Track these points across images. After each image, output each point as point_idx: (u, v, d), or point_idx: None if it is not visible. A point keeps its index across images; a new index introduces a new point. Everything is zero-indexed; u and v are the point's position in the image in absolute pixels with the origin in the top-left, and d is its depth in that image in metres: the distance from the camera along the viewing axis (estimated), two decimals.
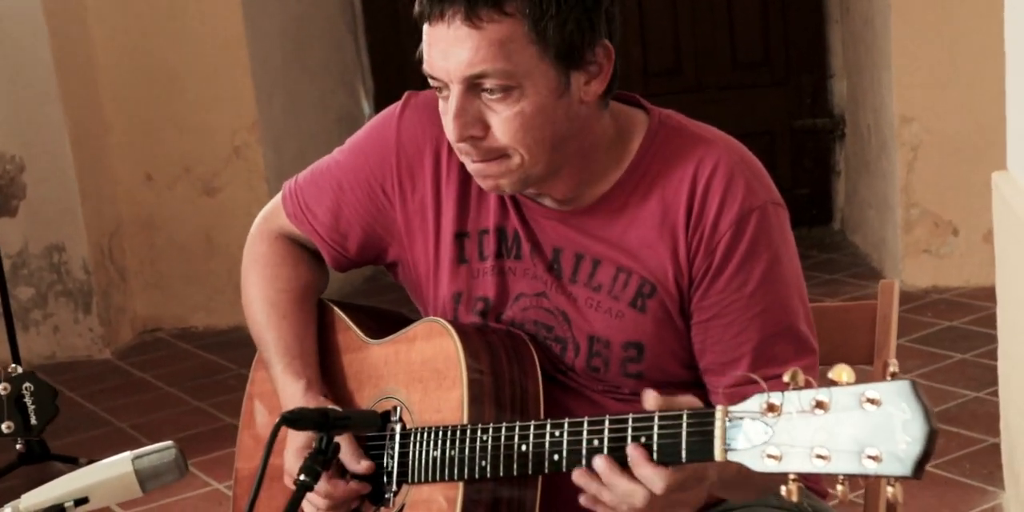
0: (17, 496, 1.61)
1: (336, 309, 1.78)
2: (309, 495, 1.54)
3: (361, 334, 1.72)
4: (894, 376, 1.14)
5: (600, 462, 1.33)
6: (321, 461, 1.35)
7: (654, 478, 1.29)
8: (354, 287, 5.15)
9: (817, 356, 1.60)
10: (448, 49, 1.46)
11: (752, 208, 1.53)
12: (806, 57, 5.55)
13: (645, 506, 1.31)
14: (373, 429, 1.57)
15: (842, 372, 1.16)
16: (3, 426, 1.75)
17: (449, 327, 1.58)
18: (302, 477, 1.35)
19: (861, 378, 1.17)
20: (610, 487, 1.32)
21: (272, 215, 1.80)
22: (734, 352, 1.55)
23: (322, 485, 1.57)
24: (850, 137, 5.45)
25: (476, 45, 1.44)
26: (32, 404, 1.78)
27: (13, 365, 1.79)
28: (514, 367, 1.58)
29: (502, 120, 1.48)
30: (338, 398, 1.70)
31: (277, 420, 1.33)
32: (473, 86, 1.47)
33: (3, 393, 1.75)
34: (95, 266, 4.84)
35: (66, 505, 1.58)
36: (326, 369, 1.73)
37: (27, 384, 1.77)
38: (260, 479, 1.32)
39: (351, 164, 1.70)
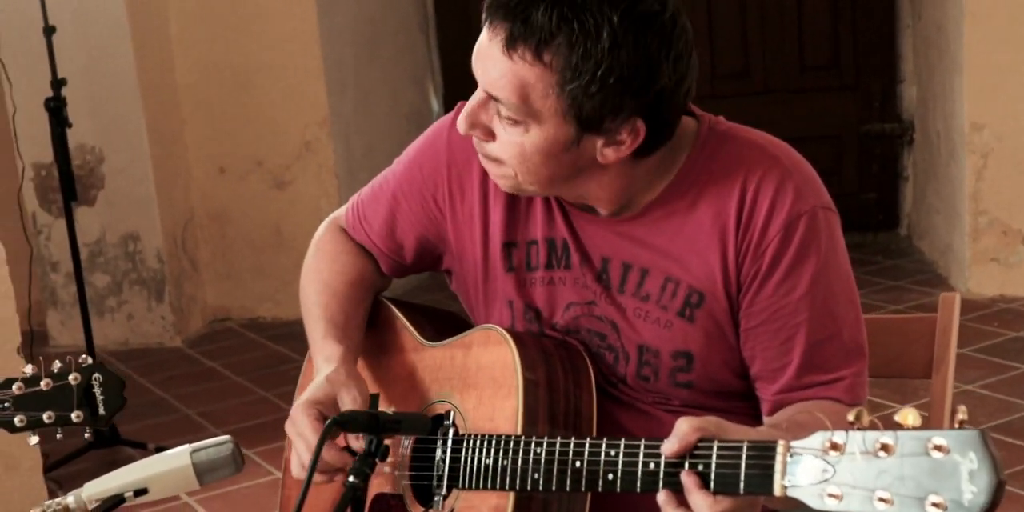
0: (88, 478, 1.67)
1: (394, 308, 1.81)
2: (300, 447, 1.56)
3: (417, 335, 1.75)
4: (962, 424, 1.13)
5: (661, 496, 1.33)
6: (371, 463, 1.39)
7: (703, 506, 1.29)
8: (419, 280, 5.21)
9: (866, 362, 1.59)
10: (483, 58, 1.47)
11: (801, 213, 1.52)
12: (876, 61, 5.50)
13: None
14: (423, 433, 1.58)
15: (908, 415, 1.14)
16: (73, 415, 1.81)
17: (507, 336, 1.59)
18: (351, 479, 1.38)
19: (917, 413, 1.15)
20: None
21: (338, 218, 1.86)
22: (782, 358, 1.56)
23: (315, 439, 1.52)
24: (919, 143, 5.41)
25: (502, 73, 1.44)
26: (101, 394, 1.82)
27: (84, 355, 1.85)
28: (569, 379, 1.60)
29: (504, 140, 1.50)
30: (390, 397, 1.73)
31: (327, 422, 1.37)
32: (493, 98, 1.48)
33: (73, 383, 1.80)
34: (168, 256, 4.96)
35: (126, 495, 1.65)
36: (380, 367, 1.77)
37: (96, 375, 1.82)
38: (310, 476, 1.36)
39: (405, 176, 1.75)
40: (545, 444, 1.46)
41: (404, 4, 5.62)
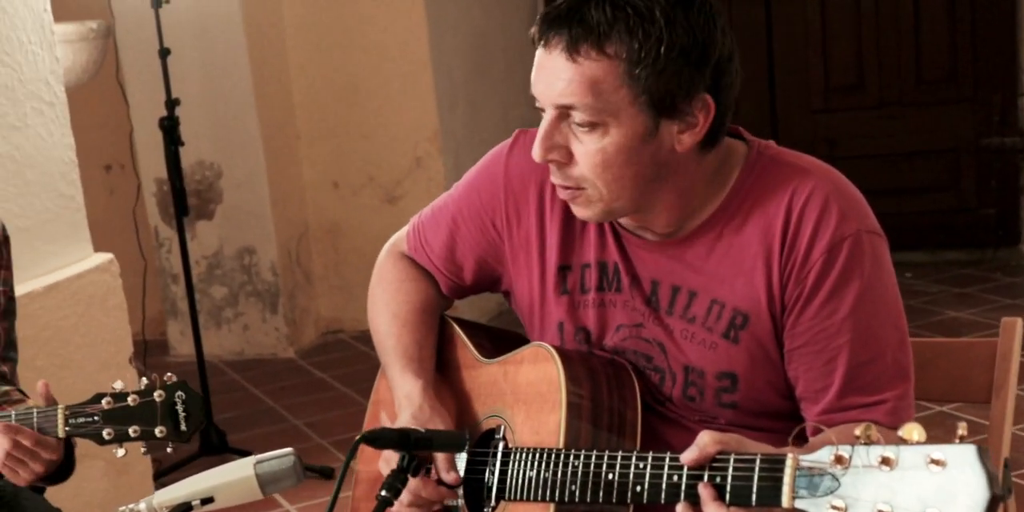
0: None
1: (456, 326, 1.87)
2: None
3: (475, 352, 1.80)
4: (962, 439, 1.16)
5: (679, 508, 1.37)
6: (403, 479, 1.44)
7: None
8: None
9: (911, 385, 1.60)
10: (547, 75, 1.52)
11: (844, 236, 1.55)
12: (995, 74, 5.36)
13: None
14: (457, 449, 1.64)
15: (913, 430, 1.18)
16: (156, 430, 1.89)
17: (554, 352, 1.64)
18: (383, 493, 1.44)
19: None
20: None
21: (399, 242, 1.92)
22: (824, 380, 1.57)
23: (414, 483, 1.64)
24: None
25: (570, 77, 1.49)
26: (183, 412, 1.90)
27: (169, 374, 1.93)
28: (614, 395, 1.64)
29: (585, 152, 1.53)
30: (452, 410, 1.77)
31: (356, 439, 1.42)
32: (564, 115, 1.52)
33: (158, 400, 1.89)
34: (282, 269, 5.09)
35: (193, 504, 1.72)
36: (442, 383, 1.82)
37: (180, 393, 1.90)
38: (338, 487, 1.41)
39: (465, 200, 1.80)
40: (582, 457, 1.51)
41: (514, 20, 5.68)
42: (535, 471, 1.57)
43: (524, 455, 1.60)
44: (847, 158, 5.55)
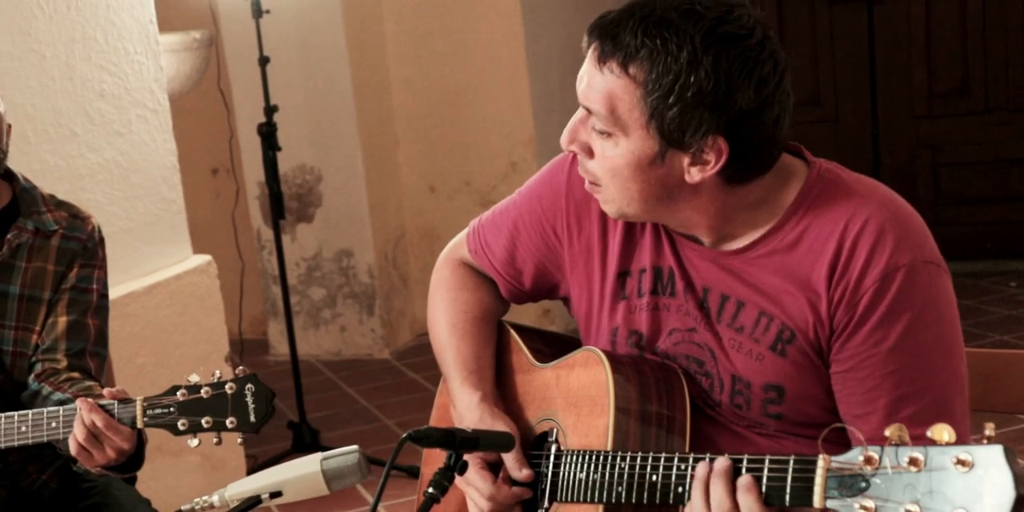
0: None
1: (512, 331, 1.92)
2: (475, 497, 1.72)
3: (531, 357, 1.85)
4: (989, 440, 1.18)
5: (722, 462, 1.40)
6: (450, 477, 1.50)
7: (753, 507, 1.37)
8: None
9: (958, 423, 1.55)
10: (582, 76, 1.58)
11: (898, 266, 1.54)
12: None
13: None
14: (505, 450, 1.68)
15: (943, 431, 1.20)
16: (227, 421, 1.98)
17: (603, 357, 1.68)
18: (430, 490, 1.50)
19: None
20: (712, 492, 1.40)
21: (457, 247, 1.97)
22: (866, 407, 1.58)
23: (487, 487, 1.71)
24: None
25: (596, 85, 1.55)
26: (252, 404, 1.98)
27: (241, 367, 2.02)
28: (663, 399, 1.67)
29: (599, 155, 1.59)
30: (507, 415, 1.82)
31: (401, 437, 1.48)
32: (590, 114, 1.58)
33: (229, 392, 1.98)
34: (379, 271, 5.20)
35: (263, 497, 1.79)
36: (499, 387, 1.87)
37: (249, 385, 1.98)
38: (383, 484, 1.48)
39: (527, 206, 1.85)
40: (628, 459, 1.55)
41: None
42: (585, 473, 1.61)
43: (574, 457, 1.64)
44: (950, 165, 5.49)
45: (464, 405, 1.82)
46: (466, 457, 1.69)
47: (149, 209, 3.49)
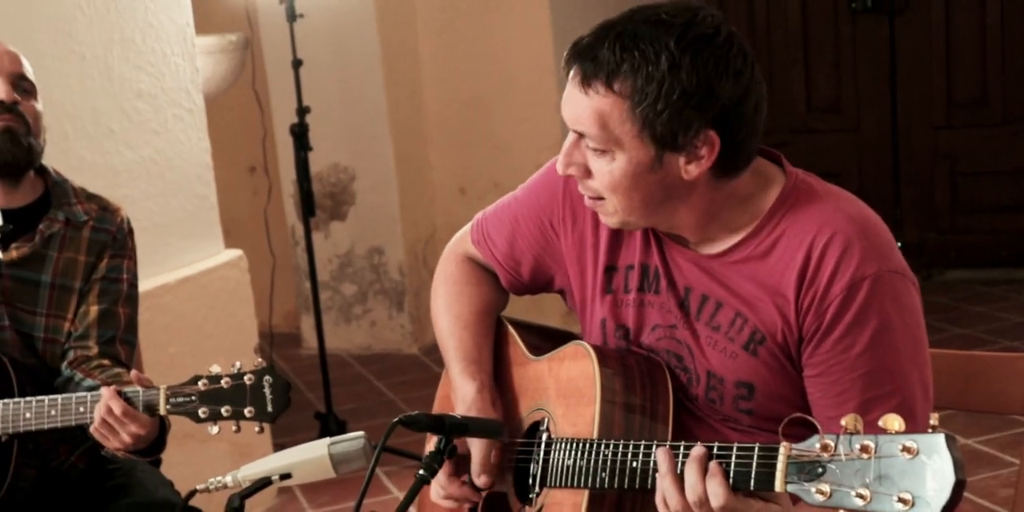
0: None
1: (509, 326, 2.02)
2: (434, 484, 1.82)
3: (525, 350, 1.95)
4: (934, 429, 1.27)
5: (699, 449, 1.48)
6: (440, 460, 1.60)
7: (719, 492, 1.45)
8: None
9: (916, 427, 1.66)
10: (568, 102, 1.66)
11: (864, 276, 1.61)
12: None
13: None
14: (493, 437, 1.79)
15: (893, 421, 1.29)
16: (245, 411, 2.07)
17: (591, 350, 1.77)
18: (421, 472, 1.61)
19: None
20: (687, 476, 1.48)
21: (461, 240, 2.07)
22: (838, 409, 1.64)
23: (443, 479, 1.83)
24: None
25: (582, 108, 1.62)
26: (270, 394, 2.07)
27: (259, 360, 2.12)
28: (647, 391, 1.76)
29: (597, 173, 1.66)
30: (502, 405, 1.93)
31: (392, 422, 1.59)
32: (582, 137, 1.66)
33: (248, 383, 2.07)
34: (409, 269, 5.32)
35: (273, 478, 1.89)
36: (496, 378, 1.97)
37: (267, 377, 2.07)
38: (372, 468, 1.58)
39: (526, 201, 1.95)
40: (611, 446, 1.64)
41: None
42: (572, 460, 1.70)
43: (563, 445, 1.73)
44: (968, 174, 5.54)
45: (462, 394, 1.91)
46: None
47: (183, 205, 3.61)
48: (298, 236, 5.35)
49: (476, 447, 1.83)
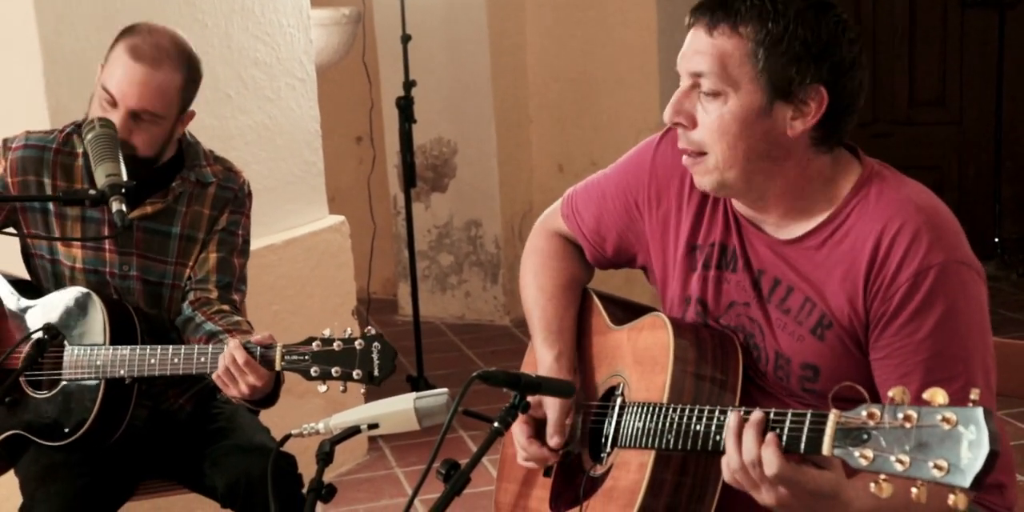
0: None
1: (595, 297, 2.13)
2: (517, 447, 1.96)
3: (608, 320, 2.06)
4: (974, 403, 1.34)
5: (757, 414, 1.55)
6: (514, 414, 1.72)
7: (773, 460, 1.52)
8: None
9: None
10: (688, 50, 1.76)
11: (931, 266, 1.68)
12: None
13: (759, 480, 1.55)
14: (564, 396, 1.90)
15: (937, 394, 1.36)
16: (354, 373, 2.19)
17: (667, 321, 1.87)
18: (496, 424, 1.73)
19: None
20: (744, 439, 1.56)
21: (552, 215, 2.18)
22: None
23: (521, 439, 1.96)
24: None
25: (705, 49, 1.72)
26: (377, 360, 2.19)
27: (369, 327, 2.24)
28: (718, 362, 1.85)
29: (707, 117, 1.74)
30: (582, 370, 2.05)
31: (470, 377, 1.70)
32: (695, 85, 1.75)
33: (358, 348, 2.19)
34: (504, 243, 5.45)
35: (362, 427, 1.99)
36: (580, 346, 2.08)
37: (376, 344, 2.18)
38: (449, 421, 1.71)
39: (615, 180, 2.05)
40: (678, 410, 1.73)
41: None
42: (642, 422, 1.80)
43: (635, 409, 1.83)
44: None
45: (542, 360, 2.04)
46: (521, 416, 1.88)
47: (292, 170, 3.77)
48: (399, 206, 5.49)
49: (552, 410, 1.95)
